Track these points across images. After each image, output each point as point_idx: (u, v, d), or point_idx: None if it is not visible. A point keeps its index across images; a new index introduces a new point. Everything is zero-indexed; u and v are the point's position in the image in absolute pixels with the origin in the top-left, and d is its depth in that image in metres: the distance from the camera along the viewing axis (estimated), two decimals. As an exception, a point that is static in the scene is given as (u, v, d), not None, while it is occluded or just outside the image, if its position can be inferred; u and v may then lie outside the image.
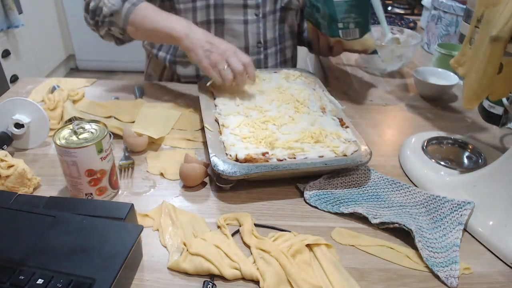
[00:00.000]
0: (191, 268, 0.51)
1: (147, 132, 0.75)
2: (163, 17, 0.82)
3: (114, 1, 0.84)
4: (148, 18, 0.82)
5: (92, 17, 0.88)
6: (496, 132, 0.86)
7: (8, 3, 2.21)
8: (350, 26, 0.88)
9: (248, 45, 0.98)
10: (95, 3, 0.87)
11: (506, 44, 0.53)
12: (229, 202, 0.64)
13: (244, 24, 0.95)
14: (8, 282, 0.41)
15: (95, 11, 0.87)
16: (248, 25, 0.96)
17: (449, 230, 0.58)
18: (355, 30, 0.89)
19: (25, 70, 2.50)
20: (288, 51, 1.08)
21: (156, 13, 0.83)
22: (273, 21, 0.99)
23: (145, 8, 0.84)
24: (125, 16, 0.84)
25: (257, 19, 0.96)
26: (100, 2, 0.86)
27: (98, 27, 0.89)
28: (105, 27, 0.88)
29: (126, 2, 0.84)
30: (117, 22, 0.85)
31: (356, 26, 0.88)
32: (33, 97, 0.89)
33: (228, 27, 0.94)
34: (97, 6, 0.86)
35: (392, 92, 1.02)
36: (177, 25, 0.80)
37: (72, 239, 0.46)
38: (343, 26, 0.88)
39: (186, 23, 0.81)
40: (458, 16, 1.18)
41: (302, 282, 0.49)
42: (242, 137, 0.69)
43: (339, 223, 0.61)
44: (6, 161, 0.61)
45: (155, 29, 0.82)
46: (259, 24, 0.97)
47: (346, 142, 0.69)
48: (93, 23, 0.89)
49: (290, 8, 1.01)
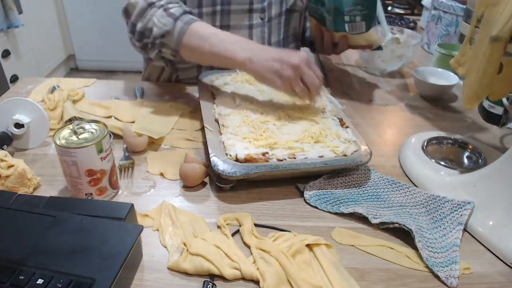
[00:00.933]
0: (191, 268, 0.51)
1: (147, 132, 0.75)
2: (221, 39, 0.76)
3: (165, 20, 0.77)
4: (205, 41, 0.75)
5: (139, 39, 0.81)
6: (496, 132, 0.86)
7: (8, 3, 2.21)
8: (357, 19, 0.87)
9: None
10: (143, 24, 0.79)
11: (506, 44, 0.53)
12: (229, 202, 0.64)
13: (249, 29, 0.94)
14: (8, 282, 0.41)
15: (143, 32, 0.80)
16: (253, 30, 0.94)
17: (449, 230, 0.58)
18: (362, 23, 0.88)
19: (25, 70, 2.50)
20: None
21: (213, 34, 0.76)
22: (278, 24, 0.99)
23: (199, 28, 0.77)
24: (178, 37, 0.77)
25: (262, 23, 0.95)
26: (149, 22, 0.78)
27: (147, 50, 0.82)
28: (156, 49, 0.80)
29: (179, 21, 0.77)
30: (169, 43, 0.78)
31: (362, 19, 0.87)
32: (33, 97, 0.89)
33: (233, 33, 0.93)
34: (146, 27, 0.79)
35: (392, 92, 1.02)
36: (237, 48, 0.74)
37: (72, 239, 0.46)
38: (350, 19, 0.87)
39: (247, 44, 0.76)
40: (458, 16, 1.18)
41: (302, 282, 0.49)
42: (242, 137, 0.69)
43: (339, 223, 0.61)
44: (6, 161, 0.61)
45: (214, 54, 0.75)
46: (264, 28, 0.96)
47: (346, 142, 0.69)
48: (141, 45, 0.82)
49: (295, 10, 1.00)
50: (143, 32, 0.80)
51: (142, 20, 0.79)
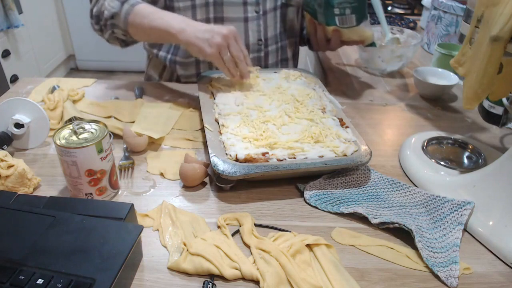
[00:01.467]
0: (191, 268, 0.51)
1: (147, 132, 0.75)
2: (160, 15, 0.82)
3: (113, 3, 0.85)
4: (146, 17, 0.82)
5: (97, 22, 0.90)
6: (496, 132, 0.86)
7: (8, 3, 2.21)
8: (347, 12, 0.88)
9: (249, 43, 0.97)
10: (97, 8, 0.88)
11: (506, 44, 0.53)
12: (229, 202, 0.64)
13: (244, 22, 0.95)
14: (8, 282, 0.41)
15: (98, 16, 0.89)
16: (249, 23, 0.95)
17: (449, 230, 0.58)
18: (352, 16, 0.88)
19: (25, 70, 2.50)
20: (289, 49, 1.08)
21: (154, 12, 0.83)
22: (273, 18, 0.99)
23: (143, 8, 0.84)
24: (125, 18, 0.84)
25: (257, 17, 0.96)
26: (102, 7, 0.87)
27: (102, 32, 0.91)
28: (108, 30, 0.89)
29: (125, 3, 0.85)
30: (118, 24, 0.86)
31: (352, 12, 0.88)
32: (33, 97, 0.89)
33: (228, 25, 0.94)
34: (99, 11, 0.88)
35: (392, 92, 1.02)
36: (173, 21, 0.80)
37: (72, 239, 0.46)
38: (339, 12, 0.87)
39: (183, 18, 0.81)
40: (458, 16, 1.18)
41: (302, 282, 0.49)
42: (242, 137, 0.69)
43: (339, 223, 0.61)
44: (6, 161, 0.61)
45: (153, 28, 0.82)
46: (259, 21, 0.96)
47: (346, 142, 0.69)
48: (98, 28, 0.91)
49: (290, 5, 1.01)
50: (98, 16, 0.89)
51: (97, 5, 0.89)
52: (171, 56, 1.00)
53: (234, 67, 0.79)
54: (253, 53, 0.99)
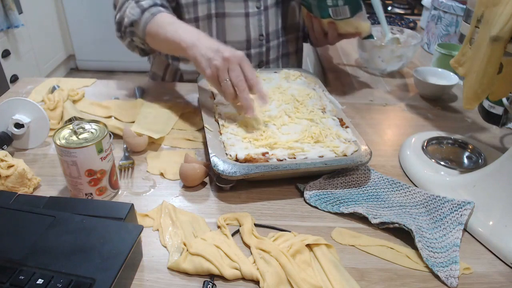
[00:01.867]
0: (191, 268, 0.51)
1: (147, 132, 0.75)
2: (176, 27, 0.79)
3: (134, 11, 0.84)
4: (162, 28, 0.80)
5: (118, 29, 0.89)
6: (496, 132, 0.86)
7: (8, 3, 2.21)
8: (339, 3, 0.87)
9: (250, 38, 0.97)
10: (120, 15, 0.88)
11: (506, 44, 0.53)
12: (229, 202, 0.64)
13: (245, 17, 0.95)
14: (8, 282, 0.41)
15: (120, 22, 0.88)
16: (250, 18, 0.95)
17: (449, 230, 0.58)
18: (345, 8, 0.88)
19: (25, 70, 2.50)
20: (291, 45, 1.08)
21: (171, 23, 0.80)
22: (275, 13, 0.99)
23: (163, 18, 0.81)
24: (143, 26, 0.82)
25: (258, 12, 0.96)
26: (124, 14, 0.86)
27: (122, 38, 0.90)
28: (128, 37, 0.88)
29: (146, 12, 0.83)
30: (137, 32, 0.85)
31: (345, 3, 0.87)
32: (33, 97, 0.89)
33: (229, 21, 0.94)
34: (121, 18, 0.87)
35: (392, 92, 1.02)
36: (186, 35, 0.76)
37: (72, 239, 0.46)
38: (332, 3, 0.87)
39: (196, 33, 0.77)
40: (458, 16, 1.18)
41: (302, 282, 0.49)
42: (242, 137, 0.69)
43: (339, 223, 0.61)
44: (6, 161, 0.61)
45: (166, 39, 0.79)
46: (260, 16, 0.96)
47: (346, 142, 0.69)
48: (119, 35, 0.90)
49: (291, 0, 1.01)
50: (119, 22, 0.88)
51: (120, 12, 0.88)
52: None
53: (231, 94, 0.72)
54: (255, 48, 0.99)
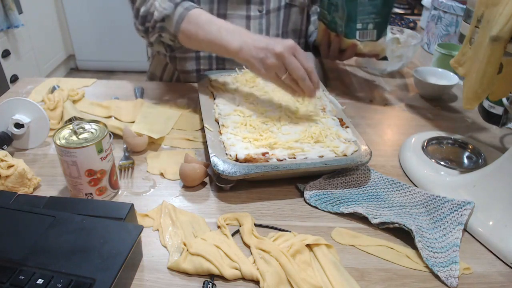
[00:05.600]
0: (191, 268, 0.51)
1: (147, 132, 0.75)
2: (217, 27, 0.76)
3: (166, 5, 0.79)
4: (201, 27, 0.76)
5: (142, 23, 0.84)
6: (496, 132, 0.86)
7: (8, 3, 2.21)
8: (369, 27, 0.87)
9: None
10: (146, 8, 0.82)
11: (506, 44, 0.53)
12: (229, 202, 0.64)
13: (246, 20, 0.94)
14: (8, 282, 0.41)
15: (146, 16, 0.83)
16: (251, 21, 0.95)
17: (449, 230, 0.58)
18: (373, 31, 0.88)
19: (25, 70, 2.50)
20: None
21: (210, 21, 0.77)
22: (276, 18, 0.99)
23: (199, 15, 0.78)
24: (177, 22, 0.78)
25: (260, 16, 0.95)
26: (152, 7, 0.81)
27: (148, 34, 0.85)
28: (156, 33, 0.83)
29: (179, 6, 0.79)
30: (168, 28, 0.81)
31: (374, 27, 0.87)
32: (33, 97, 0.89)
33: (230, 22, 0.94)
34: (148, 11, 0.82)
35: (392, 92, 1.02)
36: (230, 37, 0.74)
37: (72, 239, 0.46)
38: (362, 26, 0.87)
39: (238, 33, 0.75)
40: (458, 16, 1.18)
41: (302, 282, 0.49)
42: (242, 137, 0.69)
43: (339, 223, 0.61)
44: (6, 161, 0.61)
45: (208, 41, 0.76)
46: (262, 20, 0.96)
47: (346, 142, 0.69)
48: (143, 30, 0.85)
49: (294, 5, 1.00)
50: (145, 16, 0.83)
51: (145, 4, 0.83)
52: (171, 52, 1.00)
53: (295, 85, 0.72)
54: None
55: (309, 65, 0.71)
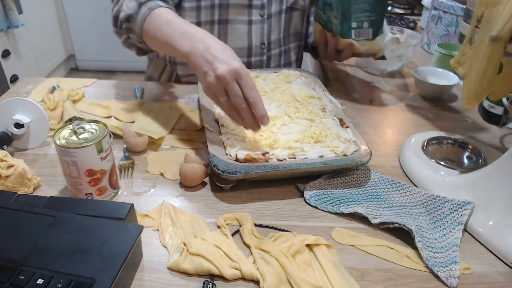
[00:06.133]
0: (191, 268, 0.51)
1: (147, 132, 0.75)
2: (173, 28, 0.71)
3: (131, 4, 0.76)
4: (159, 29, 0.72)
5: (114, 23, 0.82)
6: (496, 132, 0.86)
7: (8, 3, 2.21)
8: (364, 26, 0.87)
9: (251, 46, 0.97)
10: (116, 8, 0.80)
11: (506, 44, 0.53)
12: (229, 202, 0.64)
13: (248, 25, 0.94)
14: (8, 282, 0.41)
15: (116, 17, 0.80)
16: (252, 26, 0.94)
17: (449, 230, 0.58)
18: (369, 30, 0.87)
19: (25, 70, 2.50)
20: (292, 53, 1.07)
21: (169, 22, 0.72)
22: (277, 22, 0.98)
23: (161, 15, 0.73)
24: (140, 22, 0.75)
25: (261, 20, 0.95)
26: (121, 7, 0.79)
27: (119, 34, 0.83)
28: (124, 34, 0.81)
29: (143, 6, 0.75)
30: (133, 28, 0.78)
31: (370, 25, 0.87)
32: (33, 97, 0.89)
33: (232, 27, 0.93)
34: (117, 11, 0.80)
35: (392, 92, 1.02)
36: (183, 40, 0.68)
37: (72, 239, 0.46)
38: (357, 25, 0.86)
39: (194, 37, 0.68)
40: (458, 16, 1.18)
41: (302, 282, 0.49)
42: (242, 137, 0.69)
43: (339, 223, 0.61)
44: (6, 161, 0.61)
45: (164, 42, 0.72)
46: (263, 25, 0.95)
47: (346, 142, 0.69)
48: (115, 30, 0.83)
49: (295, 9, 1.00)
50: (116, 17, 0.81)
51: (116, 4, 0.81)
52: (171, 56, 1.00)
53: (235, 113, 0.65)
54: (256, 56, 0.98)
55: (253, 95, 0.62)
